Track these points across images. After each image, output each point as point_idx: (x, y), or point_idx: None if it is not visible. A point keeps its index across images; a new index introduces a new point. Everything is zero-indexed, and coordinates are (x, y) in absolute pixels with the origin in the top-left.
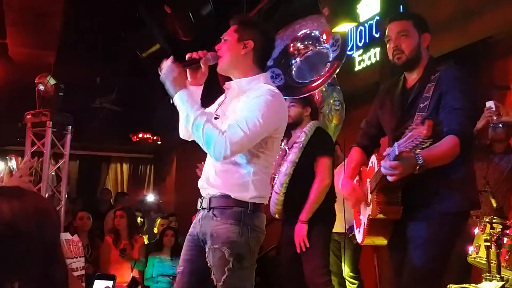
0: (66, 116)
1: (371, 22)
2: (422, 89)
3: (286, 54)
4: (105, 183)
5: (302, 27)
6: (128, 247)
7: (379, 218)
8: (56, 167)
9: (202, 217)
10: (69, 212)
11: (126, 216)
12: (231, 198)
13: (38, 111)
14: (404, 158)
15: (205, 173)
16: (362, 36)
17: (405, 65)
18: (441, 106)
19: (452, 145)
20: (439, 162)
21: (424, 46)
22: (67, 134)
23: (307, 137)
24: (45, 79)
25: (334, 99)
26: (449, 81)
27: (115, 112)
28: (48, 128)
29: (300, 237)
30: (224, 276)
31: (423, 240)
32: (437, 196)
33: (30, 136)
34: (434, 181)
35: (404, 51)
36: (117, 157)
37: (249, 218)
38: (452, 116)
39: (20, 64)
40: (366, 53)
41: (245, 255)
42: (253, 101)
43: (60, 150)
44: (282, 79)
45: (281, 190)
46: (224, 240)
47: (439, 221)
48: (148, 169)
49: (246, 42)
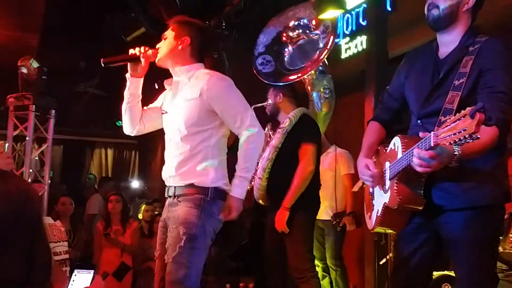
0: (49, 99)
1: (358, 10)
2: (458, 62)
3: (278, 42)
4: (89, 168)
5: (296, 14)
6: (120, 232)
7: (400, 208)
8: (39, 151)
9: (168, 203)
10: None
11: (122, 200)
12: (194, 186)
13: (20, 95)
14: (442, 149)
15: (168, 165)
16: (349, 23)
17: (436, 22)
18: (479, 86)
19: (493, 137)
20: (475, 155)
21: (465, 8)
22: (50, 118)
23: (292, 123)
24: (28, 62)
25: (324, 87)
26: (491, 56)
27: (99, 97)
28: (31, 111)
29: (280, 223)
30: (175, 253)
31: (461, 241)
32: (466, 188)
33: (13, 119)
34: (463, 172)
35: (438, 6)
36: (101, 142)
37: (208, 205)
38: (492, 101)
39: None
40: (353, 41)
41: (198, 236)
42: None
43: (43, 134)
44: (272, 66)
45: (263, 175)
46: (182, 221)
47: (470, 215)
48: (132, 155)
49: (183, 39)
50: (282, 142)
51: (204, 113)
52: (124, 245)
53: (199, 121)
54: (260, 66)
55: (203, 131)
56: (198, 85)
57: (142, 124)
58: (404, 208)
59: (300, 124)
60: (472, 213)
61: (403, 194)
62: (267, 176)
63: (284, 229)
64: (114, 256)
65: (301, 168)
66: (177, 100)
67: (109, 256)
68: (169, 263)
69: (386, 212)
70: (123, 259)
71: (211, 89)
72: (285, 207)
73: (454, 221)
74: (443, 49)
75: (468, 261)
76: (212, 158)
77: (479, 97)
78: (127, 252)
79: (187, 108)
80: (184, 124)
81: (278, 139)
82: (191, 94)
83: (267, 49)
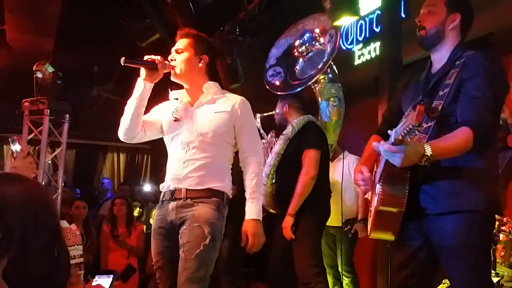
0: (63, 104)
1: (371, 16)
2: (444, 75)
3: (290, 55)
4: (102, 173)
5: (305, 26)
6: (126, 235)
7: (382, 210)
8: (53, 155)
9: (177, 205)
10: (66, 201)
11: (126, 203)
12: (211, 189)
13: (35, 99)
14: (407, 144)
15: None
16: (362, 30)
17: (423, 42)
18: (460, 95)
19: (463, 138)
20: (446, 155)
21: (450, 26)
22: (64, 122)
23: (294, 130)
24: (43, 67)
25: (333, 95)
26: (472, 67)
27: (112, 101)
28: (46, 116)
29: (286, 230)
30: (199, 250)
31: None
32: (449, 193)
33: (27, 123)
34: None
35: (425, 27)
36: (114, 146)
37: (224, 208)
38: (469, 106)
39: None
40: (366, 47)
41: (218, 238)
42: (247, 125)
43: (57, 139)
44: (281, 77)
45: (267, 181)
46: (205, 220)
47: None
48: (145, 159)
49: (201, 57)
50: (284, 148)
51: (230, 128)
52: (131, 247)
53: (224, 134)
54: (270, 77)
55: (226, 143)
56: (229, 101)
57: (143, 132)
58: (387, 210)
59: (303, 130)
60: (457, 218)
61: (384, 194)
62: (271, 183)
63: (289, 236)
64: (120, 258)
65: (303, 173)
66: (205, 110)
67: (116, 258)
68: (190, 259)
69: (376, 216)
70: (129, 261)
71: (243, 110)
72: (290, 214)
73: (441, 226)
74: (436, 65)
75: (457, 268)
76: (227, 169)
77: (459, 104)
78: (133, 254)
79: (216, 118)
80: (211, 132)
81: (280, 146)
82: (222, 107)
83: (278, 61)
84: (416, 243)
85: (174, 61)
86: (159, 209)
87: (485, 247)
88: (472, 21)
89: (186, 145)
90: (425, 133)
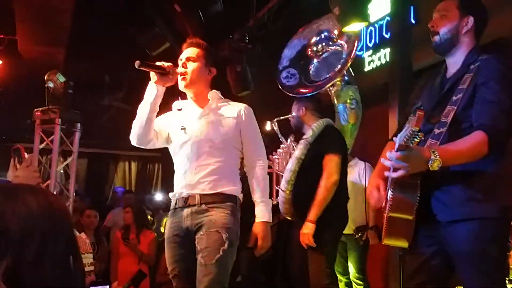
0: (75, 113)
1: (381, 23)
2: (459, 80)
3: (304, 56)
4: (113, 181)
5: (319, 26)
6: (135, 241)
7: (393, 217)
8: (64, 164)
9: (192, 211)
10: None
11: (132, 211)
12: (224, 194)
13: (47, 108)
14: (412, 150)
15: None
16: (372, 36)
17: (438, 47)
18: (475, 99)
19: (477, 142)
20: (458, 160)
21: (464, 30)
22: (75, 132)
23: (314, 134)
24: (55, 76)
25: (350, 98)
26: (487, 71)
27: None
28: (57, 125)
29: (306, 237)
30: (218, 255)
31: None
32: (462, 200)
33: (39, 133)
34: (458, 183)
35: (438, 32)
36: (125, 155)
37: (238, 212)
38: (484, 109)
39: (29, 60)
40: (376, 54)
41: (235, 244)
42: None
43: (68, 148)
44: (296, 79)
45: (287, 187)
46: (222, 225)
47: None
48: (156, 168)
49: (211, 69)
50: (305, 153)
51: (236, 133)
52: (142, 253)
53: (231, 139)
54: (284, 79)
55: (234, 148)
56: (234, 108)
57: (155, 139)
58: (397, 217)
59: (323, 134)
60: (470, 225)
61: (394, 201)
62: (291, 189)
63: (311, 243)
64: (131, 264)
65: (325, 178)
66: (213, 117)
67: (126, 264)
68: (210, 264)
69: (388, 223)
70: (140, 267)
71: (247, 115)
72: (311, 220)
73: (453, 234)
74: (450, 69)
75: (471, 276)
76: (237, 173)
77: (474, 108)
78: (144, 261)
79: (224, 124)
80: (220, 137)
81: (300, 150)
82: (228, 113)
83: (291, 63)
84: (429, 250)
85: (185, 69)
86: (172, 217)
87: (499, 254)
88: (486, 23)
89: (196, 151)
90: (436, 139)
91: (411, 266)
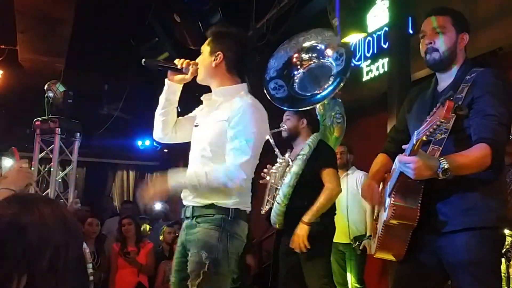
0: (74, 123)
1: (379, 33)
2: (454, 90)
3: (289, 65)
4: (111, 190)
5: (306, 40)
6: (135, 252)
7: (393, 224)
8: (63, 173)
9: (186, 225)
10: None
11: (134, 223)
12: (213, 206)
13: (47, 118)
14: (423, 155)
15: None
16: (370, 46)
17: (438, 64)
18: (472, 111)
19: (482, 154)
20: (465, 171)
21: (461, 46)
22: (75, 141)
23: (311, 150)
24: (55, 86)
25: (336, 112)
26: (484, 85)
27: (123, 120)
28: (57, 134)
29: (301, 238)
30: (199, 279)
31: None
32: (462, 210)
33: (39, 142)
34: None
35: (438, 49)
36: (123, 164)
37: (229, 225)
38: (484, 123)
39: (29, 70)
40: (374, 64)
41: (222, 261)
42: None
43: (68, 157)
44: (285, 91)
45: (283, 201)
46: (203, 245)
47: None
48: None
49: (216, 54)
50: (302, 169)
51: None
52: (141, 265)
53: (223, 145)
54: (273, 90)
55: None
56: (229, 108)
57: (174, 132)
58: (399, 224)
59: (318, 150)
60: (468, 234)
61: (397, 207)
62: (287, 202)
63: (304, 244)
64: (130, 276)
65: (331, 187)
66: (209, 119)
67: (125, 276)
68: None
69: (385, 232)
70: (139, 279)
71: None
72: (306, 222)
73: (452, 243)
74: (442, 83)
75: (468, 285)
76: None
77: (472, 121)
78: (143, 272)
79: (215, 129)
80: (209, 145)
81: (298, 166)
82: (221, 115)
83: (278, 74)
84: (424, 257)
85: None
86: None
87: (495, 263)
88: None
89: (193, 156)
90: (438, 145)
91: (404, 272)
